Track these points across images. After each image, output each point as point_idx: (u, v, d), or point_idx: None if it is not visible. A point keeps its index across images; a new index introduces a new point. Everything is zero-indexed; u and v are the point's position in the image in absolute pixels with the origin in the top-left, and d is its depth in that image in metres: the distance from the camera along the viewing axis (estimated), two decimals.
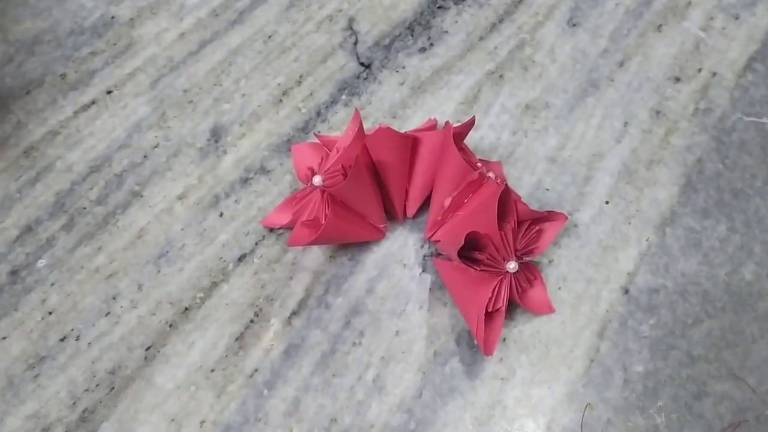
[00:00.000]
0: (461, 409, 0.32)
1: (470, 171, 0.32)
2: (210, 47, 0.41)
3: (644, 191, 0.37)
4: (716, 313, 0.34)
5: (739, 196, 0.36)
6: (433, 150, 0.34)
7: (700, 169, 0.37)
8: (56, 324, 0.33)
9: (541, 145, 0.38)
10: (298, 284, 0.34)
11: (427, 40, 0.42)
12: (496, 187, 0.31)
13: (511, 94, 0.40)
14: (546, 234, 0.33)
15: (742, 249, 0.35)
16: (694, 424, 0.31)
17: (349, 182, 0.31)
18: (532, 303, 0.33)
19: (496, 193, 0.30)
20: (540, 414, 0.31)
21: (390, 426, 0.31)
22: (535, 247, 0.33)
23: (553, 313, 0.33)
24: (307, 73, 0.40)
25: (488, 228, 0.30)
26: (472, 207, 0.32)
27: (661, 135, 0.38)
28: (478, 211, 0.31)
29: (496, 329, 0.31)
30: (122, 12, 0.42)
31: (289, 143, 0.38)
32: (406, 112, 0.39)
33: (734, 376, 0.32)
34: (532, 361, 0.33)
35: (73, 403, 0.32)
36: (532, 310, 0.33)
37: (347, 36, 0.42)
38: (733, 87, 0.40)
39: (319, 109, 0.39)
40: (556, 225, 0.33)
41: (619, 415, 0.31)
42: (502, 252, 0.31)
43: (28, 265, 0.35)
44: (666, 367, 0.32)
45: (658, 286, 0.34)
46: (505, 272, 0.31)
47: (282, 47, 0.41)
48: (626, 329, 0.33)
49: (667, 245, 0.35)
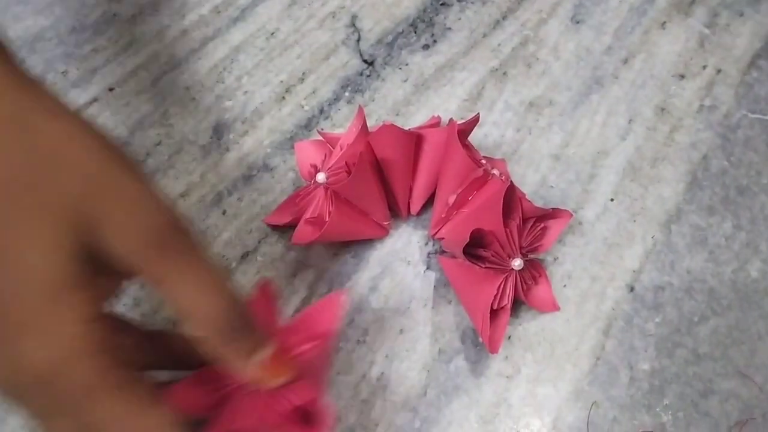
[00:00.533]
0: (466, 407, 0.31)
1: (475, 168, 0.32)
2: (212, 44, 0.41)
3: (649, 188, 0.36)
4: (722, 311, 0.33)
5: (744, 193, 0.36)
6: (436, 147, 0.34)
7: (706, 166, 0.37)
8: None
9: (545, 142, 0.38)
10: (301, 282, 0.34)
11: (430, 37, 0.41)
12: (501, 183, 0.31)
13: (515, 92, 0.39)
14: (551, 231, 0.33)
15: (748, 246, 0.35)
16: (701, 422, 0.31)
17: (352, 179, 0.31)
18: (536, 300, 0.33)
19: (501, 190, 0.30)
20: (545, 412, 0.31)
21: (395, 424, 0.31)
22: (540, 245, 0.33)
23: (558, 310, 0.33)
24: (310, 70, 0.40)
25: (493, 225, 0.30)
26: (477, 204, 0.32)
27: (665, 132, 0.38)
28: (484, 208, 0.31)
29: (501, 327, 0.31)
30: (124, 9, 0.42)
31: (292, 140, 0.38)
32: (409, 109, 0.39)
33: (741, 373, 0.32)
34: (537, 359, 0.32)
35: None
36: (537, 308, 0.33)
37: (350, 33, 0.41)
38: (738, 84, 0.40)
39: (322, 106, 0.39)
40: (560, 222, 0.33)
41: (625, 413, 0.31)
42: (507, 249, 0.31)
43: None
44: (672, 365, 0.32)
45: (664, 284, 0.34)
46: (510, 269, 0.31)
47: (284, 44, 0.41)
48: (632, 327, 0.33)
49: (673, 243, 0.35)
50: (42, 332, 0.18)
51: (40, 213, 0.19)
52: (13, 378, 0.19)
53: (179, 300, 0.21)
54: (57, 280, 0.19)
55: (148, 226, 0.20)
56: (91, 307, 0.19)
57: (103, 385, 0.19)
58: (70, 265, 0.19)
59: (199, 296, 0.21)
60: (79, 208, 0.19)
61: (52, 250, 0.19)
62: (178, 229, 0.21)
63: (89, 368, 0.19)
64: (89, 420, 0.19)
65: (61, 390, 0.18)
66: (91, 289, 0.19)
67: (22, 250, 0.18)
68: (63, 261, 0.19)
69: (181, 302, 0.21)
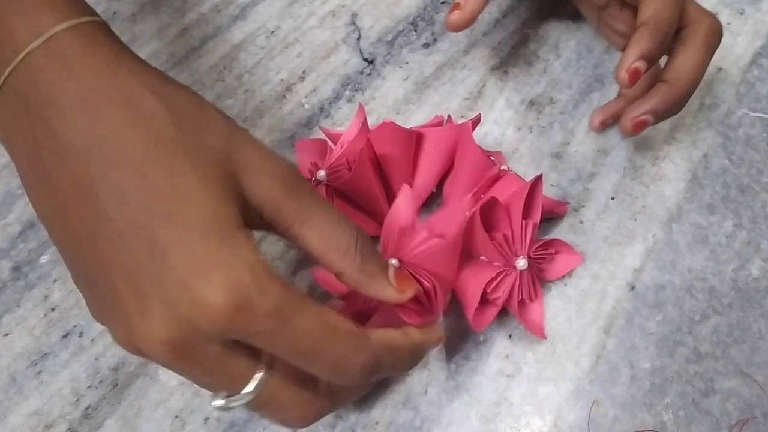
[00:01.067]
0: (467, 406, 0.31)
1: (490, 166, 0.32)
2: (212, 43, 0.41)
3: (650, 187, 0.36)
4: (723, 310, 0.33)
5: (745, 192, 0.36)
6: (438, 146, 0.34)
7: (706, 164, 0.37)
8: (59, 320, 0.33)
9: (546, 140, 0.38)
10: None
11: (430, 36, 0.41)
12: (515, 179, 0.31)
13: (516, 90, 0.39)
14: (559, 262, 0.33)
15: (749, 245, 0.35)
16: (702, 421, 0.31)
17: (353, 176, 0.31)
18: (527, 319, 0.32)
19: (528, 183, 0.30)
20: (546, 411, 0.31)
21: (395, 423, 0.31)
22: (547, 270, 0.33)
23: (544, 339, 0.32)
24: (310, 68, 0.40)
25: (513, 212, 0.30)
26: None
27: (666, 131, 0.38)
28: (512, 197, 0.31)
29: (489, 312, 0.31)
30: (124, 7, 0.42)
31: (293, 139, 0.38)
32: (409, 107, 0.39)
33: (741, 372, 0.32)
34: (538, 358, 0.32)
35: (76, 400, 0.31)
36: (527, 327, 0.32)
37: (350, 31, 0.41)
38: (739, 82, 0.40)
39: (323, 104, 0.39)
40: (570, 261, 0.33)
41: (625, 412, 0.31)
42: (517, 244, 0.30)
43: (31, 261, 0.34)
44: (673, 364, 0.32)
45: (665, 283, 0.34)
46: (513, 267, 0.30)
47: (285, 43, 0.41)
48: (632, 326, 0.33)
49: (674, 241, 0.35)
50: (224, 268, 0.19)
51: (203, 166, 0.21)
52: (200, 320, 0.19)
53: (312, 239, 0.23)
54: (228, 220, 0.20)
55: (278, 173, 0.23)
56: (255, 244, 0.21)
57: (294, 302, 0.20)
58: (234, 206, 0.21)
59: (331, 232, 0.23)
60: (226, 162, 0.21)
61: (219, 193, 0.20)
62: (299, 175, 0.24)
63: (277, 290, 0.20)
64: (286, 340, 0.20)
65: (256, 316, 0.19)
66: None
67: (193, 197, 0.20)
68: (229, 203, 0.21)
69: (314, 240, 0.23)
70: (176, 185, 0.20)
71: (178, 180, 0.20)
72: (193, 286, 0.19)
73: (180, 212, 0.20)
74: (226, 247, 0.20)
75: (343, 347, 0.21)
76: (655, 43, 0.30)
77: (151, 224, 0.19)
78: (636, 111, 0.31)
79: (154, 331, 0.19)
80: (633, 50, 0.30)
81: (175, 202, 0.20)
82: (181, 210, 0.20)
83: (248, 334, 0.20)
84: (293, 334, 0.20)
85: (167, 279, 0.19)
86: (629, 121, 0.31)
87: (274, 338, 0.20)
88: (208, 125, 0.22)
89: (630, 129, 0.32)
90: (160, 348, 0.19)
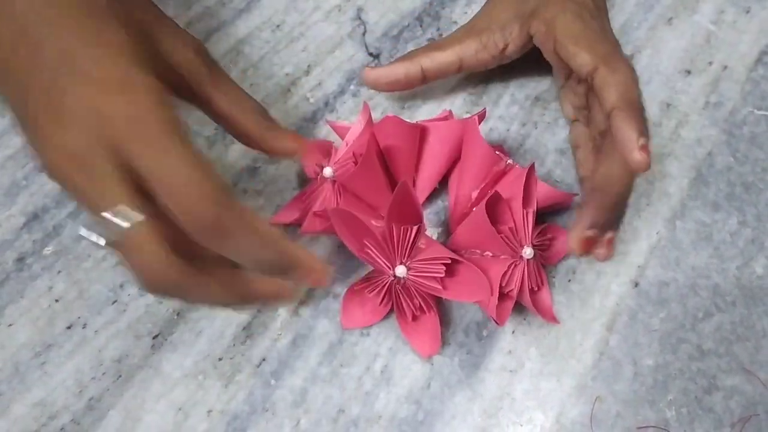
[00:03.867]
0: (469, 400, 0.31)
1: (498, 161, 0.32)
2: (217, 36, 0.41)
3: (654, 184, 0.36)
4: (727, 307, 0.33)
5: (750, 190, 0.36)
6: (442, 141, 0.34)
7: (711, 162, 0.37)
8: (63, 312, 0.33)
9: (551, 136, 0.38)
10: None
11: (436, 31, 0.41)
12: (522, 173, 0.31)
13: (521, 86, 0.39)
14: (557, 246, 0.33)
15: (753, 243, 0.35)
16: (704, 418, 0.31)
17: (360, 169, 0.31)
18: (539, 306, 0.32)
19: (523, 172, 0.30)
20: (549, 406, 0.31)
21: (398, 417, 0.31)
22: (548, 255, 0.33)
23: (557, 324, 0.33)
24: (316, 63, 0.40)
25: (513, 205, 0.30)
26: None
27: (671, 128, 0.38)
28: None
29: (506, 305, 0.31)
30: None
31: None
32: (415, 102, 0.39)
33: (744, 370, 0.32)
34: (541, 354, 0.32)
35: (79, 391, 0.31)
36: (539, 314, 0.32)
37: (356, 26, 0.41)
38: (744, 80, 0.40)
39: (328, 99, 0.39)
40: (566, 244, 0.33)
41: (628, 409, 0.31)
42: (521, 233, 0.30)
43: (35, 252, 0.34)
44: (676, 361, 0.32)
45: (669, 280, 0.34)
46: (520, 257, 0.30)
47: (290, 37, 0.41)
48: (636, 322, 0.33)
49: (678, 239, 0.35)
50: (129, 91, 0.23)
51: (110, 21, 0.24)
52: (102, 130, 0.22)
53: (221, 101, 0.29)
54: (137, 52, 0.24)
55: (190, 41, 0.28)
56: (161, 83, 0.24)
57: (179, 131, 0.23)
58: (139, 45, 0.24)
59: (237, 95, 0.30)
60: (149, 30, 0.26)
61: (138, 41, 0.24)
62: (207, 50, 0.29)
63: (169, 113, 0.23)
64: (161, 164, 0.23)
65: (148, 133, 0.23)
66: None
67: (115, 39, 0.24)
68: (135, 40, 0.24)
69: (223, 103, 0.29)
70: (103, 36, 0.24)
71: (107, 35, 0.24)
72: (100, 105, 0.22)
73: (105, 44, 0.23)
74: (134, 72, 0.23)
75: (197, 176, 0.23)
76: (605, 211, 0.30)
77: (76, 52, 0.23)
78: (578, 231, 0.30)
79: (66, 141, 0.22)
80: (584, 220, 0.30)
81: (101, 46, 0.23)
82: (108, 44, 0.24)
83: (135, 154, 0.22)
84: (169, 166, 0.23)
85: (81, 98, 0.22)
86: (575, 243, 0.30)
87: (157, 159, 0.22)
88: (139, 3, 0.27)
89: (580, 251, 0.30)
90: (65, 157, 0.22)
